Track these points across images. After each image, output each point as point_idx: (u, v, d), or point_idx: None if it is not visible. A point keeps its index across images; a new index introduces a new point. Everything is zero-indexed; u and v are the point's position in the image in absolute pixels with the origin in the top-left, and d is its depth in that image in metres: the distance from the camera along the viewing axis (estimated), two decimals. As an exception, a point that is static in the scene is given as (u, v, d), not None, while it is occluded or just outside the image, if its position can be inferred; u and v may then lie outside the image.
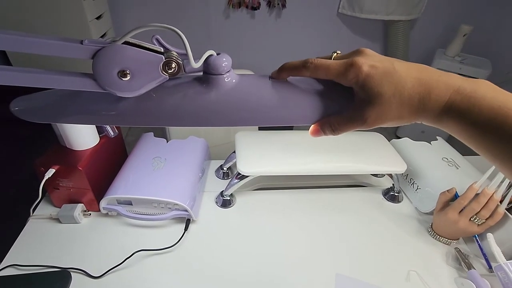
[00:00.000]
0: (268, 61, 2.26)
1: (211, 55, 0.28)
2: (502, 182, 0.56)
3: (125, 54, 0.25)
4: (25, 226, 0.61)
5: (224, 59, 0.28)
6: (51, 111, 0.31)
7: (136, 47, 0.26)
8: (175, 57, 0.27)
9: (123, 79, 0.26)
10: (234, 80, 0.29)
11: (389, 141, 0.79)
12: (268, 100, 0.29)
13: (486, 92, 0.23)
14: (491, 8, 2.06)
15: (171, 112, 0.29)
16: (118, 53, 0.25)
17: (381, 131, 0.81)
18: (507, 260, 0.53)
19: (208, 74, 0.28)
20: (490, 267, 0.59)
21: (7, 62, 1.53)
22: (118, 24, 1.93)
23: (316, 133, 0.29)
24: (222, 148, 1.01)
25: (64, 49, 0.24)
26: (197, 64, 0.26)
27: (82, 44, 0.24)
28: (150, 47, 0.26)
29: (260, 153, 0.68)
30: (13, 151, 0.98)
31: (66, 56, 0.24)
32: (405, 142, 0.83)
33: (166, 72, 0.27)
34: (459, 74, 0.25)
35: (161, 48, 0.27)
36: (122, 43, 0.25)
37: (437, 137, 0.85)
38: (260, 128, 1.06)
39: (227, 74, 0.28)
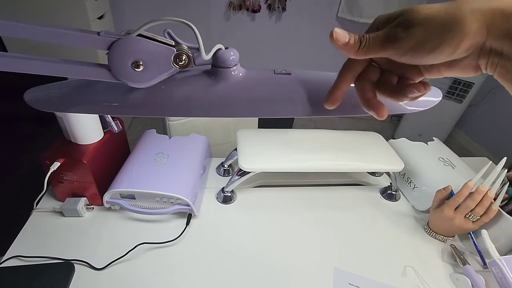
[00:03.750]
0: (267, 63, 2.29)
1: (219, 48, 0.29)
2: (496, 180, 0.58)
3: (140, 46, 0.26)
4: (29, 219, 0.62)
5: (231, 53, 0.29)
6: (64, 101, 0.32)
7: (150, 39, 0.27)
8: (185, 50, 0.28)
9: (137, 70, 0.27)
10: (241, 74, 0.30)
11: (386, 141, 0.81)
12: (273, 93, 0.31)
13: None
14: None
15: (180, 103, 0.30)
16: (133, 45, 0.26)
17: (379, 133, 0.82)
18: (501, 256, 0.54)
19: (216, 67, 0.30)
20: (484, 263, 0.60)
21: (4, 50, 1.54)
22: (119, 24, 1.95)
23: (340, 36, 0.24)
24: (222, 147, 1.03)
25: (83, 39, 0.25)
26: (207, 57, 0.28)
27: (99, 35, 0.26)
28: (162, 40, 0.28)
29: (261, 150, 0.69)
30: (17, 146, 0.99)
31: (84, 46, 0.26)
32: (403, 142, 0.85)
33: (177, 64, 0.28)
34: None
35: (172, 41, 0.29)
36: (137, 36, 0.26)
37: (433, 138, 0.87)
38: (260, 126, 1.08)
39: (235, 67, 0.30)
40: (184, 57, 0.28)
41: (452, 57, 0.22)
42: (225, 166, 0.80)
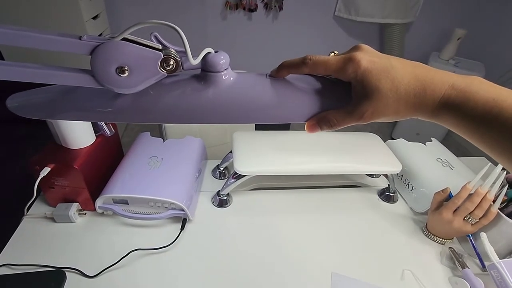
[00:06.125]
0: (264, 63, 2.27)
1: (209, 52, 0.28)
2: (495, 182, 0.57)
3: (124, 51, 0.25)
4: (19, 225, 0.61)
5: (222, 56, 0.28)
6: (48, 107, 0.31)
7: (135, 43, 0.26)
8: (173, 54, 0.27)
9: (122, 75, 0.26)
10: (231, 78, 0.29)
11: (384, 142, 0.80)
12: (265, 98, 0.29)
13: (480, 86, 0.24)
14: (485, 13, 2.09)
15: (168, 109, 0.29)
16: (116, 50, 0.25)
17: (376, 133, 0.82)
18: (500, 259, 0.54)
19: (206, 72, 0.29)
20: (483, 266, 0.60)
21: (0, 57, 1.52)
22: (114, 24, 1.93)
23: (312, 128, 0.30)
24: (218, 149, 1.01)
25: (63, 44, 0.24)
26: (195, 61, 0.26)
27: (80, 39, 0.24)
28: (148, 44, 0.27)
29: (257, 153, 0.68)
30: (8, 149, 0.98)
31: (64, 51, 0.24)
32: (400, 143, 0.84)
33: (164, 69, 0.27)
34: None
35: (159, 45, 0.27)
36: (121, 40, 0.25)
37: (431, 138, 0.86)
38: (257, 128, 1.07)
39: (225, 71, 0.29)
40: (171, 62, 0.27)
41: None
42: (221, 168, 0.78)
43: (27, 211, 0.62)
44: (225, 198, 0.70)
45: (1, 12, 1.42)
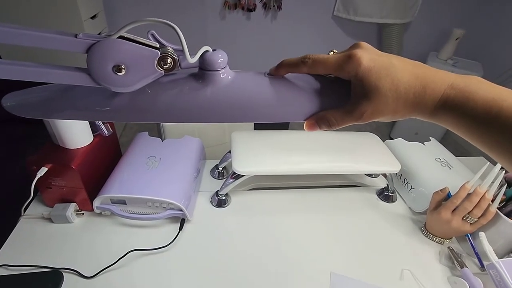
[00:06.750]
0: (263, 62, 2.27)
1: (206, 51, 0.28)
2: (493, 181, 0.57)
3: (120, 49, 0.25)
4: (16, 226, 0.60)
5: (220, 55, 0.28)
6: (44, 107, 0.30)
7: (132, 42, 0.25)
8: (170, 52, 0.27)
9: (118, 74, 0.26)
10: (229, 77, 0.29)
11: (383, 141, 0.80)
12: (264, 96, 0.29)
13: (479, 85, 0.24)
14: (483, 13, 2.10)
15: (166, 108, 0.29)
16: (113, 48, 0.25)
17: (375, 132, 0.81)
18: (499, 258, 0.54)
19: (203, 70, 0.28)
20: (482, 265, 0.60)
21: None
22: (113, 24, 1.92)
23: (311, 127, 0.29)
24: (217, 149, 1.01)
25: (58, 42, 0.24)
26: (192, 60, 0.26)
27: (76, 37, 0.24)
28: (145, 42, 0.26)
29: (256, 153, 0.68)
30: (7, 149, 0.97)
31: (60, 49, 0.24)
32: (399, 142, 0.84)
33: (162, 67, 0.27)
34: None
35: (157, 43, 0.27)
36: (117, 38, 0.25)
37: (430, 138, 0.86)
38: (256, 127, 1.06)
39: (223, 70, 0.28)
40: (169, 60, 0.27)
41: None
42: (220, 168, 0.78)
43: (24, 212, 0.62)
44: (223, 198, 0.70)
45: (0, 12, 1.41)
